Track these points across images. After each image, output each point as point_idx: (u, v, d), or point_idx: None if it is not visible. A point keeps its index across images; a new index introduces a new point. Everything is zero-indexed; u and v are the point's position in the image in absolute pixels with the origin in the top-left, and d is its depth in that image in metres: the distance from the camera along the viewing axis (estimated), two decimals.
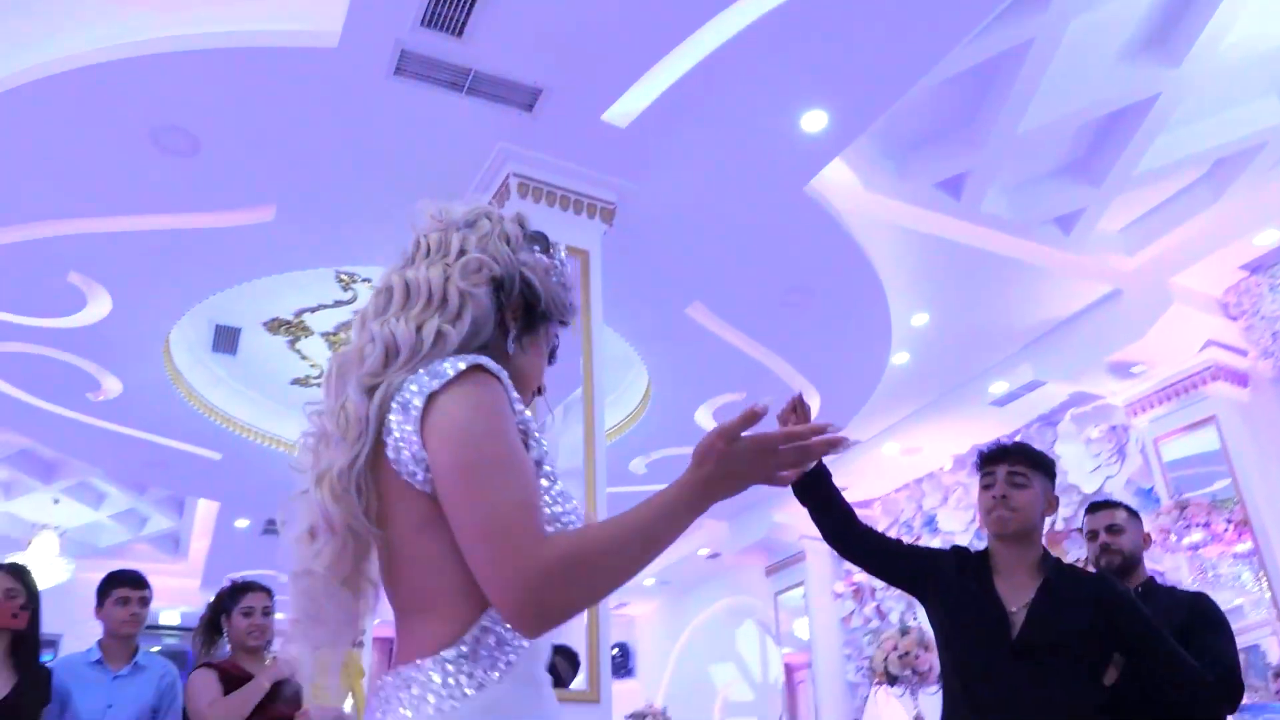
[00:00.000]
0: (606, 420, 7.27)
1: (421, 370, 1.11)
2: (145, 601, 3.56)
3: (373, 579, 1.17)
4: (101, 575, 3.59)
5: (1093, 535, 2.99)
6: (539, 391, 1.37)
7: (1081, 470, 6.95)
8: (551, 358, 1.38)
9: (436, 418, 1.06)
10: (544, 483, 1.11)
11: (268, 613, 3.43)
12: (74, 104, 3.97)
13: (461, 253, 1.24)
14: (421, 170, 4.41)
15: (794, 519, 9.19)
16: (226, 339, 6.50)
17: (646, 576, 11.55)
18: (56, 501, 9.16)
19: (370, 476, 1.10)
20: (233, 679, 3.20)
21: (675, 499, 1.02)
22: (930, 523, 8.42)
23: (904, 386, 6.99)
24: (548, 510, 1.08)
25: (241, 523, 9.13)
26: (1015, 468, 2.39)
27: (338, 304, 6.19)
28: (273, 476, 7.43)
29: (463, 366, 1.08)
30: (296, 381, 7.11)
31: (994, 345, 6.70)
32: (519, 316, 1.30)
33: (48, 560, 8.66)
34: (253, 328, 6.43)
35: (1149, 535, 3.15)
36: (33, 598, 3.17)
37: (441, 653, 1.04)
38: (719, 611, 11.62)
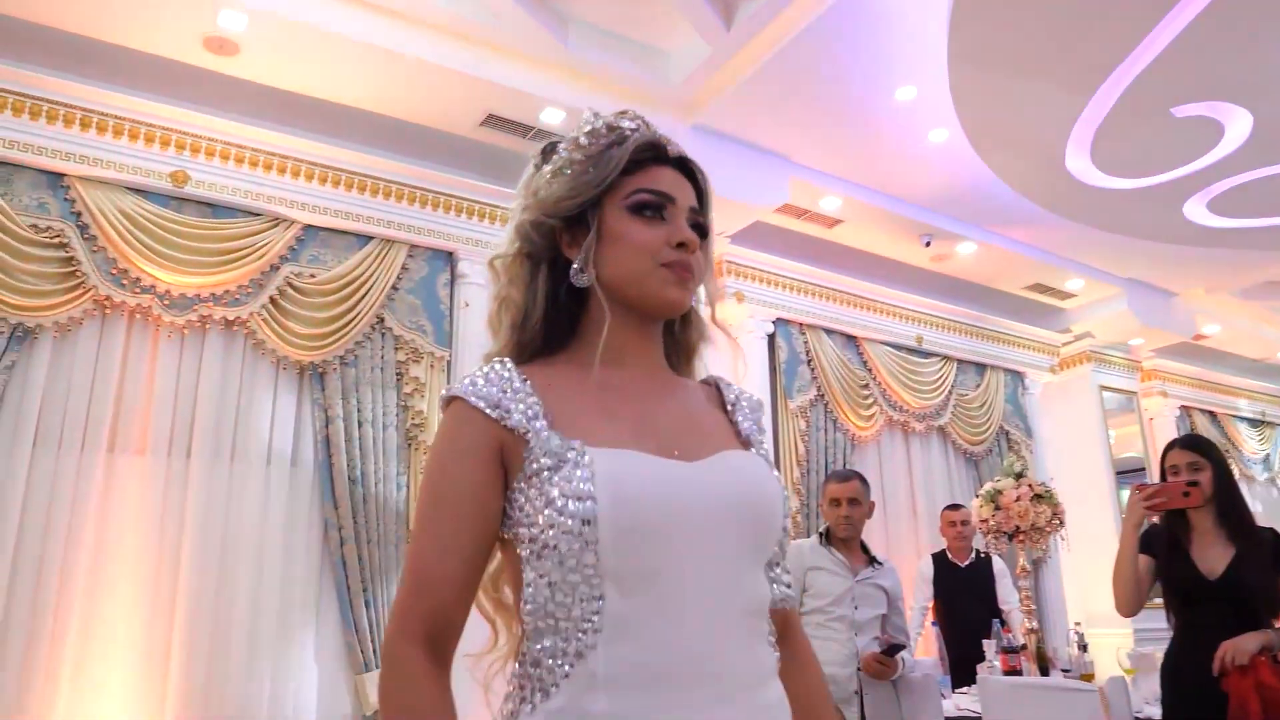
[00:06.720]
0: None
1: None
2: None
3: None
4: None
5: None
6: (683, 252, 1.07)
7: None
8: (655, 208, 1.08)
9: None
10: (529, 490, 1.00)
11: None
12: None
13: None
14: None
15: None
16: None
17: None
18: None
19: None
20: None
21: None
22: None
23: None
24: (522, 530, 1.00)
25: None
26: None
27: None
28: None
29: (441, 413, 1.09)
30: None
31: None
32: (573, 243, 1.11)
33: None
34: None
35: None
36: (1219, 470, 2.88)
37: (515, 660, 1.04)
38: None
